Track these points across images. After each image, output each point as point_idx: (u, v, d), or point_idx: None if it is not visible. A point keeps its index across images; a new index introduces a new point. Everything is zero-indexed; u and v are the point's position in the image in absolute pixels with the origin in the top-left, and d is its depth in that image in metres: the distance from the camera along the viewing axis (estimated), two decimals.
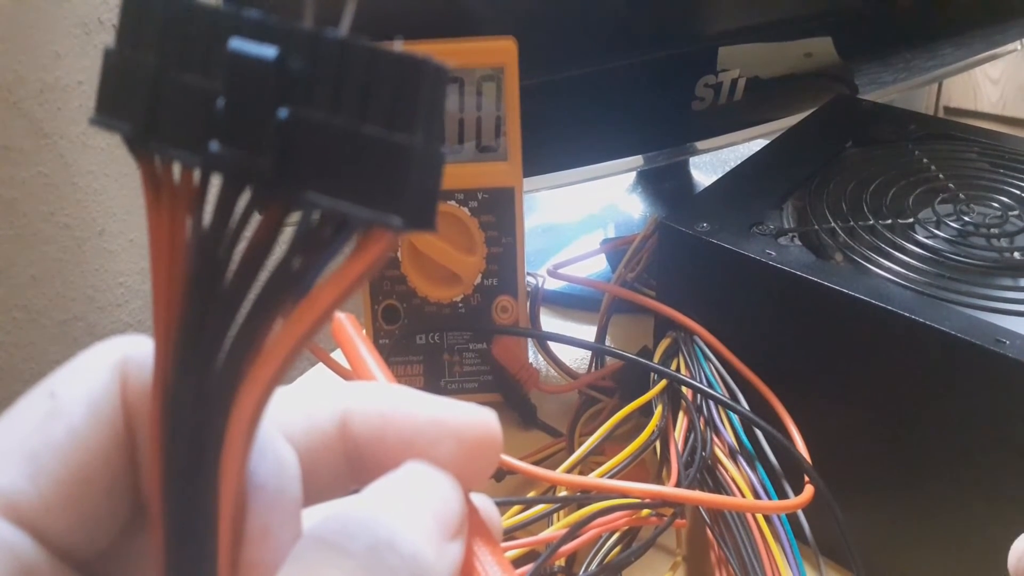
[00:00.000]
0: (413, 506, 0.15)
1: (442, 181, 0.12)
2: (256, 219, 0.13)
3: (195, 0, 0.13)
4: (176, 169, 0.13)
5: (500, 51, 0.41)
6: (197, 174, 0.13)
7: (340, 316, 0.20)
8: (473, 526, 0.16)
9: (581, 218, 0.69)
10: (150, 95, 0.13)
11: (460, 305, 0.46)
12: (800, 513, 0.35)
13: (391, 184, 0.12)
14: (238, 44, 0.12)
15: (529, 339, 0.48)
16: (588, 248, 0.55)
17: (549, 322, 0.54)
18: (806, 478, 0.35)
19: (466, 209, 0.44)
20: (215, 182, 0.13)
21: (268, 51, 0.12)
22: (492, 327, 0.46)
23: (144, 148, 0.13)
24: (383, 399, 0.17)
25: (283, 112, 0.12)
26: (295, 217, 0.13)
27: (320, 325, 0.13)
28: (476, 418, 0.16)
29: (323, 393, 0.17)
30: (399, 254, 0.45)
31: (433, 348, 0.47)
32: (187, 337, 0.13)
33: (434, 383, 0.47)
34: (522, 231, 0.45)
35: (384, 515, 0.14)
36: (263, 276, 0.13)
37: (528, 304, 0.47)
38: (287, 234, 0.13)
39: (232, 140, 0.12)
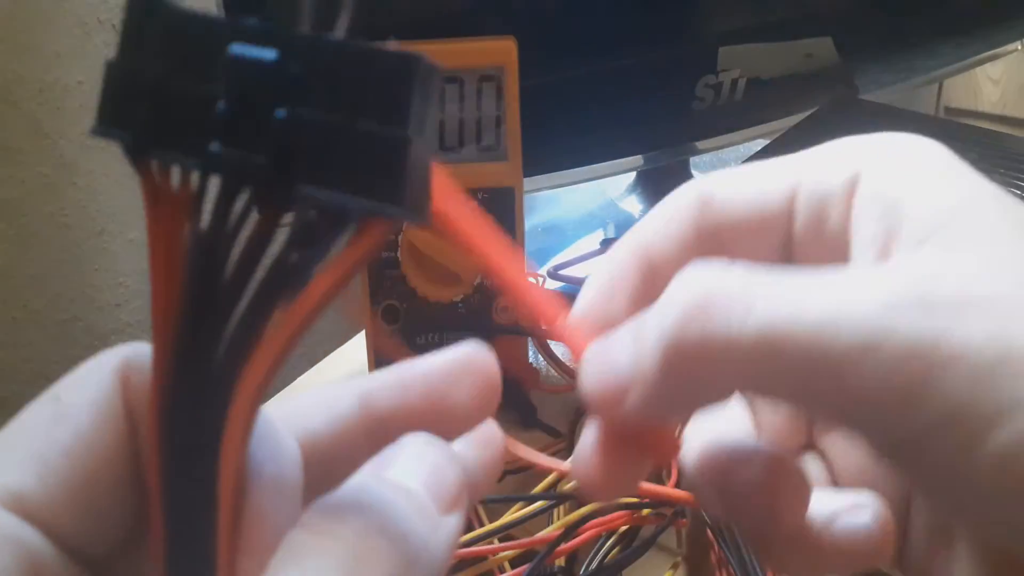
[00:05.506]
0: (403, 481, 0.15)
1: (432, 173, 0.13)
2: (253, 218, 0.13)
3: (195, 10, 0.13)
4: (175, 176, 0.13)
5: (500, 51, 0.41)
6: (196, 178, 0.13)
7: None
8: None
9: (581, 218, 0.69)
10: (150, 104, 0.13)
11: (460, 305, 0.46)
12: None
13: (384, 176, 0.12)
14: (239, 48, 0.12)
15: (529, 339, 0.48)
16: (588, 248, 0.55)
17: None
18: None
19: None
20: (213, 185, 0.13)
21: (268, 53, 0.12)
22: (492, 327, 0.46)
23: (144, 157, 0.13)
24: (399, 370, 0.18)
25: (281, 112, 0.12)
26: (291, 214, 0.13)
27: (317, 315, 0.13)
28: (471, 351, 0.18)
29: (340, 384, 0.18)
30: (399, 254, 0.45)
31: (433, 348, 0.47)
32: (185, 333, 0.13)
33: None
34: (522, 231, 0.45)
35: (375, 495, 0.14)
36: (262, 268, 0.13)
37: None
38: (283, 230, 0.13)
39: (231, 142, 0.12)
